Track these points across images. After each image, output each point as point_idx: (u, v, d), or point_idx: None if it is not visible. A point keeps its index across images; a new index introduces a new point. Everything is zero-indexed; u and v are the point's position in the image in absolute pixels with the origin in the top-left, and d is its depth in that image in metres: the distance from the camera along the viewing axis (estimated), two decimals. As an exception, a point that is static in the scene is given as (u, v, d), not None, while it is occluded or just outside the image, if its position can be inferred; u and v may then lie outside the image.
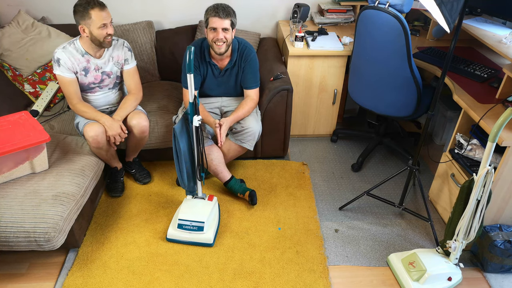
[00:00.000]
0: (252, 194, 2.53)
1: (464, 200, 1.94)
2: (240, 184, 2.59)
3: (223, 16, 2.35)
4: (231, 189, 2.60)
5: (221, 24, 2.36)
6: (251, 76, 2.57)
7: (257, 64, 2.59)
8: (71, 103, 2.39)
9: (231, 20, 2.39)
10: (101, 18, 2.22)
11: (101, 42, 2.30)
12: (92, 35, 2.26)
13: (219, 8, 2.36)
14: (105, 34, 2.26)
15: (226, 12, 2.36)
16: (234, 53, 2.53)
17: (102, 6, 2.24)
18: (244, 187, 2.58)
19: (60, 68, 2.32)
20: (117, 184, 2.61)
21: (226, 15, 2.36)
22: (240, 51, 2.55)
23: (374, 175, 2.87)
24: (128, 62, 2.50)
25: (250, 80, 2.58)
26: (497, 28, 2.55)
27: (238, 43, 2.55)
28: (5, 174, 2.11)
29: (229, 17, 2.38)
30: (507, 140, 1.93)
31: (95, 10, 2.20)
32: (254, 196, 2.54)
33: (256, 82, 2.60)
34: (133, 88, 2.54)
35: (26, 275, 2.13)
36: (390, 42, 2.34)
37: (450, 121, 3.00)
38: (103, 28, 2.24)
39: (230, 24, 2.39)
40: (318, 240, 2.34)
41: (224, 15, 2.35)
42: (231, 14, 2.39)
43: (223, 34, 2.39)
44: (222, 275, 2.13)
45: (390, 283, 2.14)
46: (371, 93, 2.63)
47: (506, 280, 2.16)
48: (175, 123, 2.66)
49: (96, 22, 2.22)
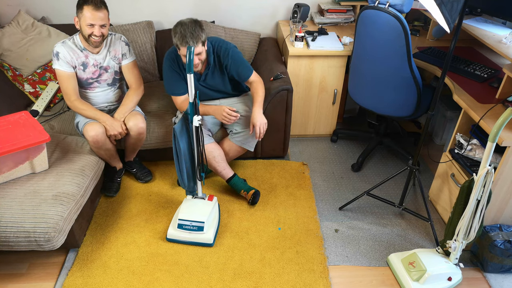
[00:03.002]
0: (256, 193, 2.53)
1: (464, 200, 1.94)
2: (243, 182, 2.60)
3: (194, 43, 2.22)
4: (234, 186, 2.59)
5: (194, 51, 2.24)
6: (242, 67, 2.49)
7: (239, 54, 2.50)
8: (69, 99, 2.39)
9: (202, 42, 2.26)
10: (91, 17, 2.22)
11: (86, 39, 2.31)
12: (81, 28, 2.29)
13: (186, 36, 2.21)
14: (90, 33, 2.27)
15: (195, 38, 2.22)
16: (210, 56, 2.45)
17: (98, 7, 2.22)
18: (247, 185, 2.58)
19: (59, 62, 2.33)
20: (113, 184, 2.61)
21: (197, 41, 2.23)
22: (216, 53, 2.47)
23: (374, 175, 2.87)
24: (126, 57, 2.50)
25: (244, 70, 2.50)
26: (497, 28, 2.55)
27: (212, 45, 2.45)
28: (5, 174, 2.11)
29: (199, 41, 2.24)
30: (507, 140, 1.93)
31: (88, 8, 2.21)
32: (257, 197, 2.53)
33: (250, 68, 2.52)
34: (133, 83, 2.54)
35: (26, 275, 2.13)
36: (390, 42, 2.34)
37: (450, 121, 3.00)
38: (90, 27, 2.25)
39: (202, 45, 2.27)
40: (318, 240, 2.34)
41: (195, 42, 2.22)
42: (200, 37, 2.24)
43: (197, 59, 2.30)
44: (222, 275, 2.13)
45: (390, 283, 2.14)
46: (371, 93, 2.63)
47: (506, 280, 2.16)
48: (175, 123, 2.66)
49: (86, 18, 2.23)
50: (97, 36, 2.28)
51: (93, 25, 2.24)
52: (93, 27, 2.25)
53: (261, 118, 2.43)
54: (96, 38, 2.29)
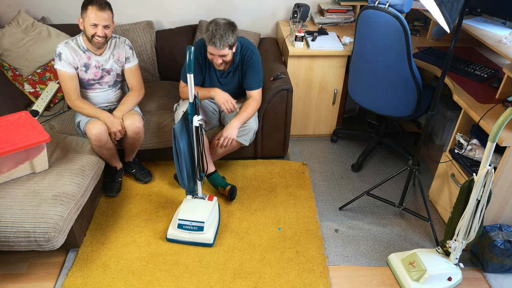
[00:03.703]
0: (232, 189, 2.55)
1: (464, 200, 1.94)
2: (222, 178, 2.62)
3: (220, 47, 2.31)
4: (212, 182, 2.62)
5: (219, 52, 2.34)
6: (254, 77, 2.56)
7: (259, 65, 2.58)
8: (70, 99, 2.39)
9: (229, 45, 2.34)
10: (95, 17, 2.23)
11: (89, 39, 2.31)
12: (84, 28, 2.29)
13: (215, 36, 2.29)
14: (93, 33, 2.27)
15: (223, 42, 2.29)
16: (237, 56, 2.51)
17: (103, 7, 2.24)
18: (225, 182, 2.60)
19: (61, 62, 2.33)
20: (114, 184, 2.61)
21: (224, 45, 2.31)
22: (242, 54, 2.53)
23: (374, 175, 2.87)
24: (129, 60, 2.51)
25: (253, 81, 2.56)
26: (497, 28, 2.55)
27: (241, 45, 2.52)
28: (5, 174, 2.11)
29: (227, 45, 2.32)
30: (507, 140, 1.93)
31: (93, 8, 2.22)
32: (234, 192, 2.56)
33: (259, 82, 2.59)
34: (135, 86, 2.55)
35: (26, 275, 2.13)
36: (390, 42, 2.34)
37: (450, 121, 3.00)
38: (93, 27, 2.26)
39: (229, 48, 2.36)
40: (318, 240, 2.34)
41: (222, 45, 2.30)
42: (229, 41, 2.31)
43: (221, 60, 2.39)
44: (222, 275, 2.13)
45: (390, 283, 2.14)
46: (371, 93, 2.63)
47: (506, 280, 2.16)
48: (175, 110, 2.66)
49: (90, 18, 2.24)
50: (100, 36, 2.28)
51: (96, 25, 2.25)
52: (96, 27, 2.26)
53: (233, 132, 2.47)
54: (99, 39, 2.29)
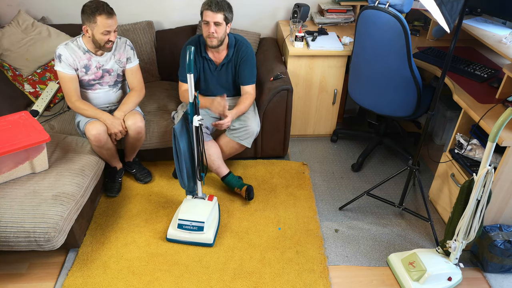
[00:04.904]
0: (249, 189, 2.54)
1: (464, 200, 1.94)
2: (237, 179, 2.61)
3: (215, 9, 2.33)
4: (228, 184, 2.61)
5: (213, 18, 2.34)
6: (248, 72, 2.58)
7: (253, 60, 2.59)
8: (70, 100, 2.39)
9: (224, 15, 2.36)
10: (106, 25, 2.24)
11: (101, 46, 2.32)
12: (94, 37, 2.29)
13: (212, 2, 2.34)
14: (106, 40, 2.29)
15: (219, 6, 2.33)
16: (230, 49, 2.54)
17: (110, 13, 2.25)
18: (241, 182, 2.60)
19: (61, 64, 2.33)
20: (115, 184, 2.61)
21: (219, 9, 2.33)
22: (236, 48, 2.55)
23: (374, 175, 2.87)
24: (130, 61, 2.51)
25: (247, 76, 2.58)
26: (497, 28, 2.55)
27: (235, 39, 2.55)
28: (5, 174, 2.11)
29: (222, 11, 2.35)
30: (507, 140, 1.93)
31: (102, 17, 2.22)
32: (251, 191, 2.54)
33: (253, 78, 2.60)
34: (136, 86, 2.56)
35: (26, 275, 2.13)
36: (390, 42, 2.34)
37: (450, 121, 3.00)
38: (106, 34, 2.27)
39: (224, 19, 2.37)
40: (318, 240, 2.34)
41: (217, 9, 2.33)
42: (224, 8, 2.36)
43: (214, 28, 2.37)
44: (222, 275, 2.13)
45: (390, 283, 2.14)
46: (371, 93, 2.63)
47: (506, 280, 2.16)
48: (174, 118, 2.66)
49: (100, 27, 2.24)
50: (113, 40, 2.32)
51: (109, 32, 2.27)
52: (109, 34, 2.28)
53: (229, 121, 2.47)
54: (111, 44, 2.33)
